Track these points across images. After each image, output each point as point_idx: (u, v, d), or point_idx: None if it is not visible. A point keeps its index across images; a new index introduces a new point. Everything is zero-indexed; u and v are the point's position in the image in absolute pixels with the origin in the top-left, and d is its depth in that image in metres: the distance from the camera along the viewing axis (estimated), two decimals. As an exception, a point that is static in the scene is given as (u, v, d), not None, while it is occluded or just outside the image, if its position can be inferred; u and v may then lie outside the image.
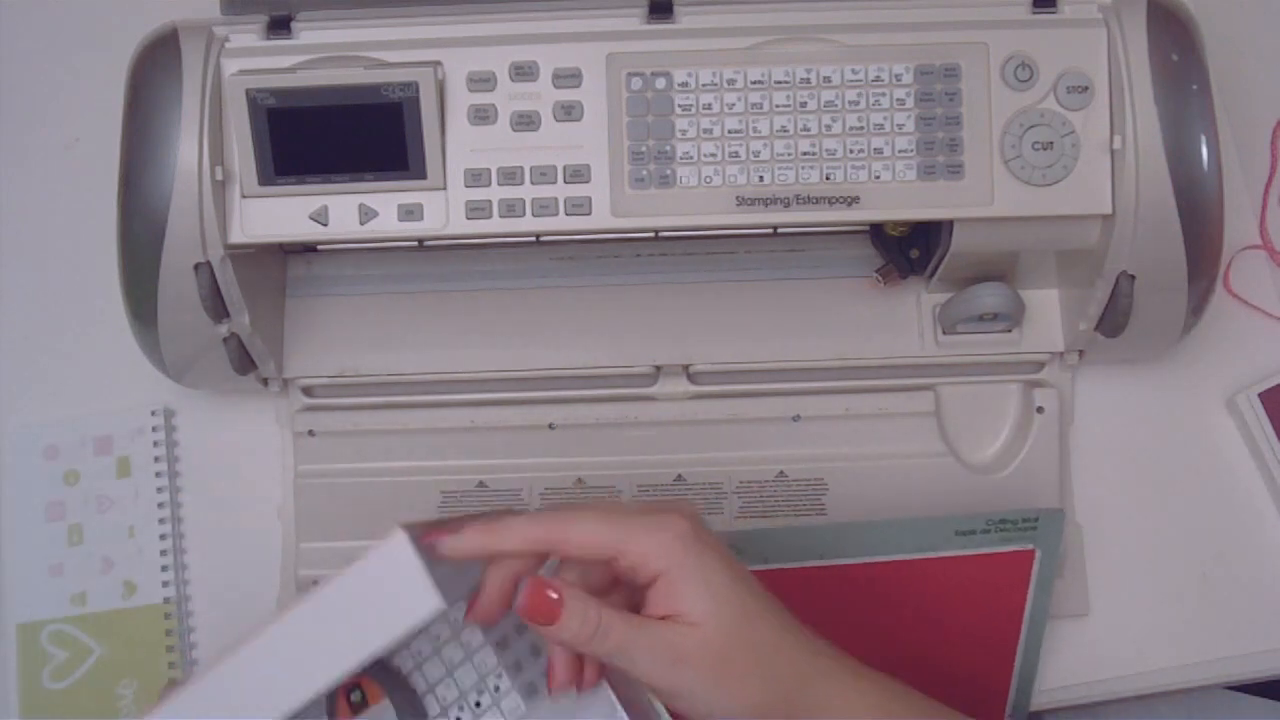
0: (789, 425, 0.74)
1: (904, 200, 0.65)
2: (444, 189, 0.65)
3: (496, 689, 0.57)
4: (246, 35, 0.65)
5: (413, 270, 0.75)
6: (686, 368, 0.74)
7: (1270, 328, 0.76)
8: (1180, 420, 0.75)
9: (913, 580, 0.68)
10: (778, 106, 0.64)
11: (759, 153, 0.65)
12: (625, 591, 0.53)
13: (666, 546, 0.50)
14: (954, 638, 0.70)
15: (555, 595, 0.49)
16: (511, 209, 0.65)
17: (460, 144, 0.64)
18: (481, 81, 0.64)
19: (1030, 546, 0.68)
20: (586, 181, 0.65)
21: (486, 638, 0.57)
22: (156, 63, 0.65)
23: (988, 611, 0.70)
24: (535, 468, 0.74)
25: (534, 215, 0.65)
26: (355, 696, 0.55)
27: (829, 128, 0.64)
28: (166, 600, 0.73)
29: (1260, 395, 0.74)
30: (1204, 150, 0.64)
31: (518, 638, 0.57)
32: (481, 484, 0.74)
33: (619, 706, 0.55)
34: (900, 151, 0.64)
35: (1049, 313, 0.74)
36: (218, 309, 0.67)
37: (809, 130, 0.64)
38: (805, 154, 0.65)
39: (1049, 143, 0.64)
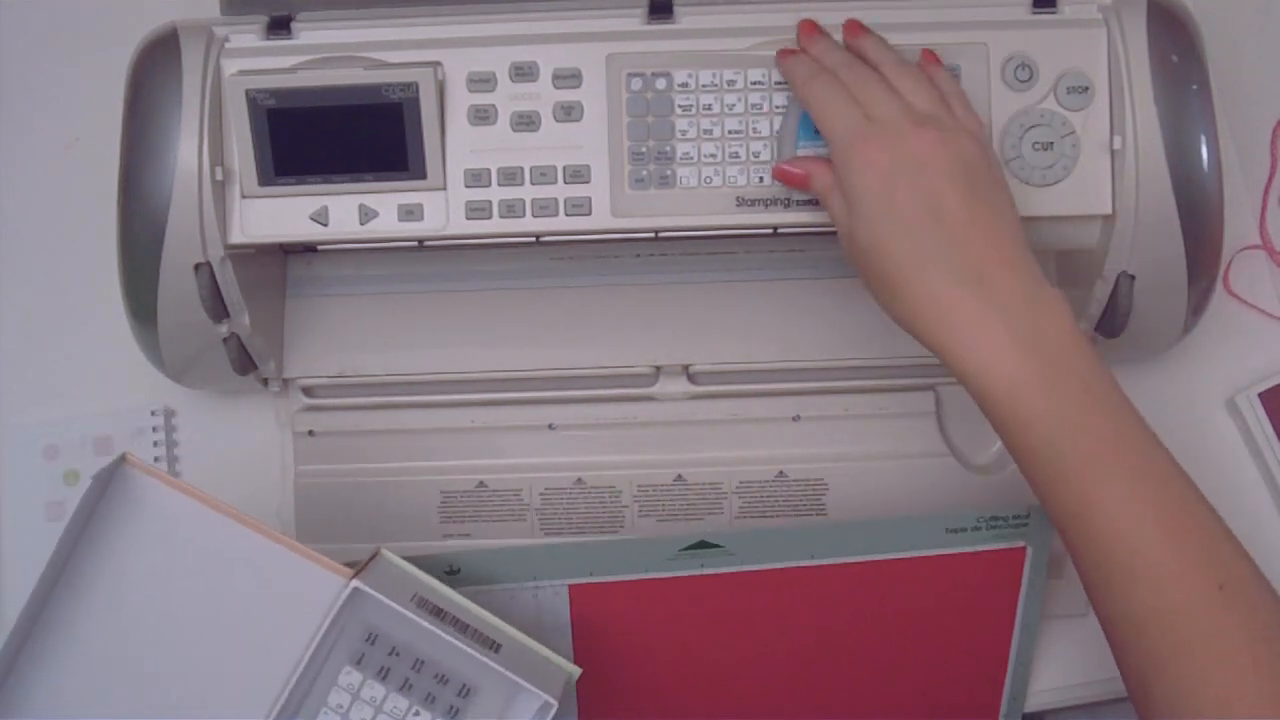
0: (789, 425, 0.74)
1: (904, 200, 0.65)
2: (444, 189, 0.65)
3: None
4: (246, 35, 0.65)
5: (413, 270, 0.75)
6: (686, 368, 0.74)
7: (1270, 328, 0.76)
8: (1180, 420, 0.75)
9: (905, 579, 0.68)
10: (778, 107, 0.64)
11: (759, 153, 0.65)
12: None
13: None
14: (947, 636, 0.70)
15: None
16: (511, 209, 0.65)
17: (460, 144, 0.64)
18: (481, 82, 0.64)
19: (1021, 544, 0.68)
20: (586, 182, 0.65)
21: (387, 687, 0.57)
22: (156, 63, 0.65)
23: (980, 610, 0.70)
24: (535, 468, 0.74)
25: (534, 216, 0.65)
26: None
27: (829, 128, 0.64)
28: (166, 600, 0.73)
29: (1260, 395, 0.74)
30: (1204, 150, 0.64)
31: (417, 675, 0.57)
32: (481, 484, 0.74)
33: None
34: (900, 152, 0.64)
35: (1049, 313, 0.74)
36: (218, 309, 0.67)
37: (809, 130, 0.64)
38: (805, 154, 0.64)
39: (1049, 143, 0.64)
